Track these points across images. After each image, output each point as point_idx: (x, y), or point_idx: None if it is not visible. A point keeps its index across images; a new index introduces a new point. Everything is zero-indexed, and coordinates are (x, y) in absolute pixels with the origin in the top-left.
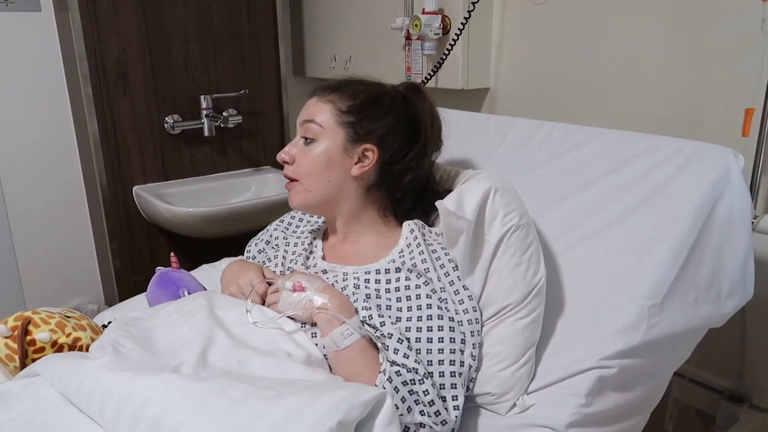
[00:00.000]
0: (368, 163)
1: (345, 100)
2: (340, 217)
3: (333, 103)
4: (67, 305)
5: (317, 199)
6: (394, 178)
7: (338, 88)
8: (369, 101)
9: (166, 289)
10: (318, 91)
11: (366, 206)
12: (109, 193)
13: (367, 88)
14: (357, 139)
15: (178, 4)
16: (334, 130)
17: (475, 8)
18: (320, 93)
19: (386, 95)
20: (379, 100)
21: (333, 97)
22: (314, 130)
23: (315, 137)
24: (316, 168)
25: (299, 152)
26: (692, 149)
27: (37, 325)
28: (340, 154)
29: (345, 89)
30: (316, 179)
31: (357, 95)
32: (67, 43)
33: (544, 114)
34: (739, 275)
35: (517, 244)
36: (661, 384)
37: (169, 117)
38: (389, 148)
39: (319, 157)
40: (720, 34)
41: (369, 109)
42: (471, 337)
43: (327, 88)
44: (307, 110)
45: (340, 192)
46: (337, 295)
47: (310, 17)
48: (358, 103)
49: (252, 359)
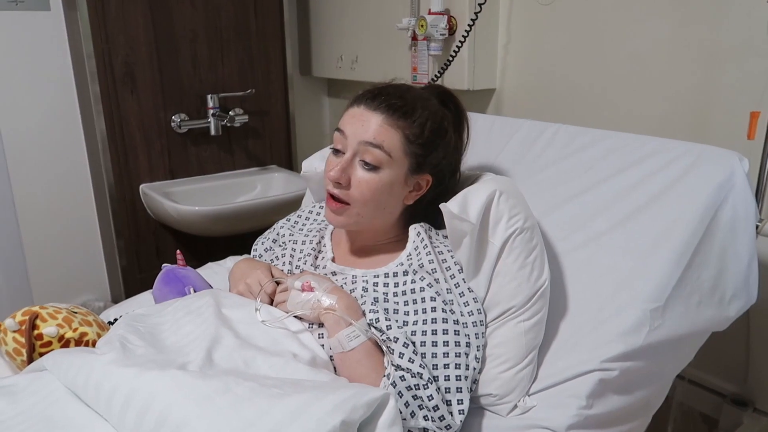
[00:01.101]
0: (422, 192)
1: (415, 129)
2: (370, 230)
3: (402, 130)
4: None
5: (366, 223)
6: (434, 200)
7: (406, 111)
8: (436, 132)
9: (172, 286)
10: (381, 107)
11: (398, 221)
12: (116, 191)
13: (431, 113)
14: (417, 170)
15: (186, 3)
16: (401, 159)
17: (481, 9)
18: (387, 112)
19: (446, 120)
20: (444, 130)
21: (402, 123)
22: (380, 157)
23: (380, 164)
24: (376, 196)
25: (357, 176)
26: (697, 152)
27: (45, 319)
28: (400, 184)
29: (413, 114)
30: (373, 207)
31: (425, 124)
32: (75, 42)
33: (550, 115)
34: (742, 279)
35: (521, 246)
36: (662, 387)
37: (176, 116)
38: (441, 176)
39: (382, 186)
40: (726, 37)
41: (435, 141)
42: (476, 339)
43: (394, 108)
44: (368, 129)
45: (387, 215)
46: (345, 297)
47: (317, 17)
48: (427, 133)
49: (257, 359)
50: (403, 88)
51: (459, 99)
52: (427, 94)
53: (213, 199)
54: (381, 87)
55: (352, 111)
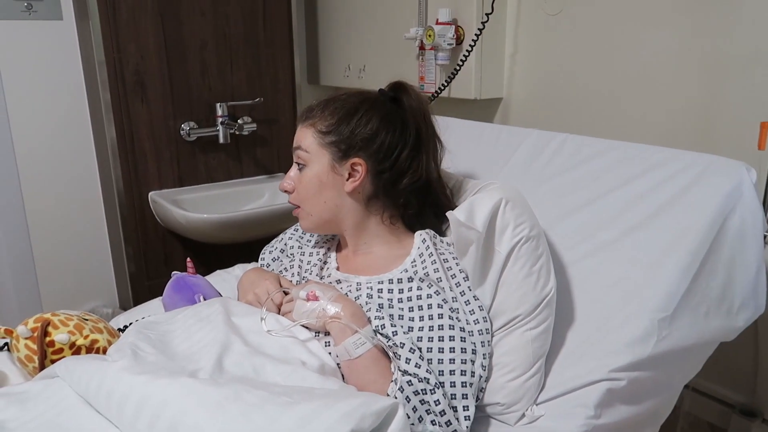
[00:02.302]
0: (359, 177)
1: (324, 121)
2: (346, 231)
3: (314, 126)
4: (82, 308)
5: (319, 220)
6: (390, 185)
7: (318, 110)
8: (346, 116)
9: (182, 294)
10: (302, 116)
11: (369, 217)
12: (125, 198)
13: (344, 103)
14: (342, 157)
15: (195, 13)
16: (319, 152)
17: (489, 19)
18: (303, 118)
19: (365, 103)
20: (356, 111)
21: (314, 120)
22: (302, 156)
23: (305, 163)
24: (311, 192)
25: (296, 179)
26: (705, 163)
27: (57, 326)
28: (328, 174)
29: (324, 110)
30: (313, 202)
31: (335, 113)
32: (87, 51)
33: (557, 125)
34: (750, 289)
35: (527, 255)
36: (671, 397)
37: (185, 124)
38: (377, 157)
39: (310, 181)
40: (734, 47)
41: (347, 124)
42: (482, 347)
43: (308, 111)
44: (296, 137)
45: (338, 209)
46: (350, 305)
47: (325, 26)
48: (336, 120)
49: (267, 366)
50: (331, 96)
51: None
52: (365, 92)
53: (221, 207)
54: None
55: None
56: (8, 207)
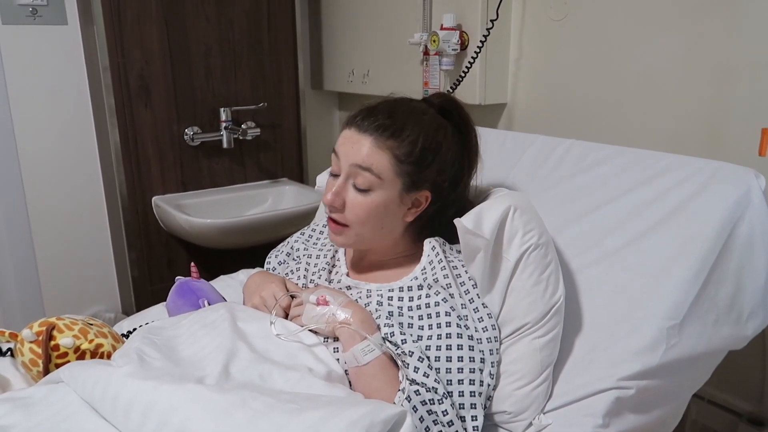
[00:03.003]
0: (422, 208)
1: (404, 148)
2: (375, 246)
3: (391, 150)
4: (85, 313)
5: (367, 243)
6: (441, 212)
7: (395, 129)
8: (429, 149)
9: (186, 299)
10: (370, 127)
11: (403, 236)
12: (128, 203)
13: (423, 129)
14: (412, 187)
15: (200, 18)
16: (392, 180)
17: (493, 25)
18: (372, 131)
19: (440, 131)
20: (440, 146)
21: (391, 143)
22: (370, 180)
23: (371, 187)
24: (372, 218)
25: (351, 199)
26: (712, 169)
27: (62, 330)
28: (396, 203)
29: (402, 133)
30: (370, 227)
31: (416, 142)
32: (91, 56)
33: (561, 130)
34: (759, 297)
35: (536, 263)
36: (679, 406)
37: (189, 129)
38: (442, 187)
39: (376, 208)
40: (738, 53)
41: (427, 158)
42: (490, 355)
43: (382, 128)
44: (358, 152)
45: (389, 234)
46: (360, 311)
47: (329, 31)
48: (418, 151)
49: (273, 373)
50: (395, 105)
51: (462, 106)
52: (424, 106)
53: (224, 212)
54: (372, 106)
55: (345, 133)
56: (12, 211)
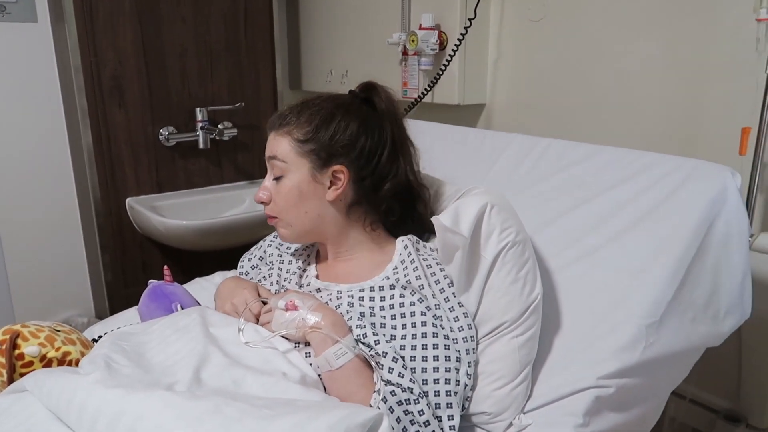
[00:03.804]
0: (341, 185)
1: (301, 128)
2: (327, 240)
3: (290, 134)
4: (57, 318)
5: (300, 230)
6: (372, 191)
7: (292, 117)
8: (324, 122)
9: (159, 303)
10: (274, 124)
11: (350, 225)
12: (102, 205)
13: (319, 108)
14: (323, 165)
15: (175, 17)
16: (298, 161)
17: (471, 24)
18: (276, 125)
19: (340, 108)
20: (333, 116)
21: (289, 128)
22: (279, 166)
23: (282, 173)
24: (290, 203)
25: (273, 190)
26: (690, 167)
27: (26, 338)
28: (309, 184)
29: (299, 117)
30: (294, 213)
31: (311, 119)
32: (63, 55)
33: (540, 130)
34: (736, 294)
35: (513, 260)
36: (658, 404)
37: (164, 129)
38: (358, 162)
39: (290, 192)
40: (715, 54)
41: (325, 130)
42: (466, 355)
43: (281, 118)
44: (269, 146)
45: (320, 219)
46: (331, 314)
47: (307, 31)
48: (313, 128)
49: (247, 378)
50: (303, 101)
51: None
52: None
53: (201, 214)
54: (284, 108)
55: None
56: None
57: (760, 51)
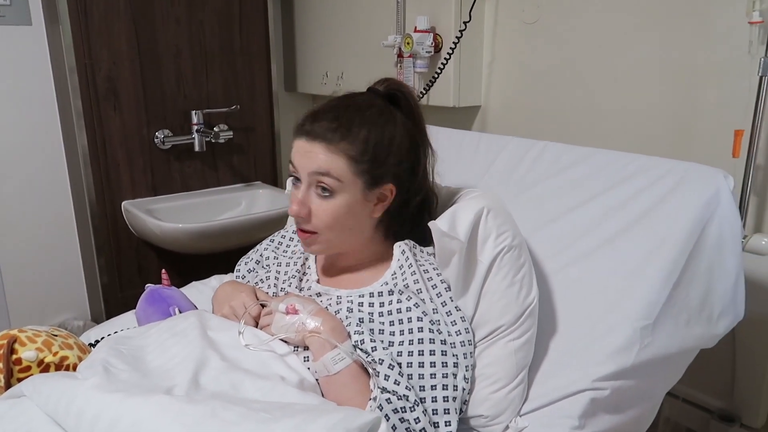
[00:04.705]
0: (388, 202)
1: (357, 148)
2: (347, 250)
3: (345, 152)
4: (52, 321)
5: (338, 247)
6: (403, 206)
7: (343, 130)
8: (381, 143)
9: (156, 307)
10: (320, 134)
11: (372, 236)
12: (97, 208)
13: (372, 125)
14: (374, 184)
15: (170, 19)
16: (352, 180)
17: (466, 27)
18: (326, 139)
19: (390, 123)
20: (383, 131)
21: (344, 145)
22: (331, 184)
23: (334, 191)
24: (339, 221)
25: (316, 206)
26: (683, 170)
27: (24, 343)
28: (360, 203)
29: (350, 133)
30: (338, 231)
31: (367, 139)
32: (57, 58)
33: (535, 132)
34: (730, 296)
35: (509, 264)
36: (653, 405)
37: (159, 132)
38: (402, 179)
39: (339, 209)
40: (709, 56)
41: (380, 149)
42: (464, 359)
43: (330, 131)
44: (314, 160)
45: (358, 234)
46: (330, 319)
47: (303, 33)
48: (371, 148)
49: (245, 382)
50: (339, 105)
51: (407, 87)
52: (369, 97)
53: (197, 216)
54: (316, 110)
55: (297, 144)
56: None
57: (753, 54)
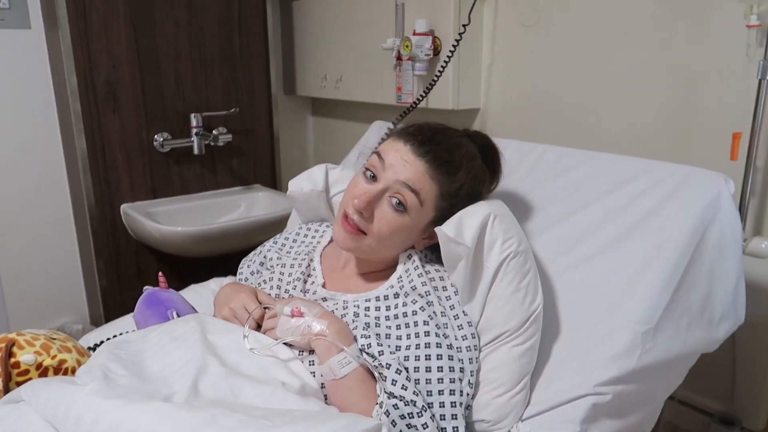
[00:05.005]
0: (434, 241)
1: (452, 187)
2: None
3: (441, 185)
4: (51, 325)
5: (372, 255)
6: None
7: (450, 169)
8: (470, 196)
9: (154, 310)
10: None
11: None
12: (96, 211)
13: (472, 177)
14: (438, 222)
15: (169, 22)
16: (430, 209)
17: (465, 30)
18: (434, 164)
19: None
20: (478, 195)
21: (443, 179)
22: (413, 202)
23: (409, 207)
24: (394, 236)
25: (382, 213)
26: (683, 173)
27: (22, 347)
28: (419, 231)
29: (456, 174)
30: (387, 242)
31: (463, 186)
32: (56, 61)
33: (533, 135)
34: (730, 300)
35: (515, 270)
36: (654, 410)
37: (158, 135)
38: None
39: (402, 229)
40: (707, 59)
41: (464, 201)
42: (470, 364)
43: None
44: (412, 172)
45: (394, 251)
46: (336, 322)
47: (302, 36)
48: (461, 195)
49: (245, 388)
50: (453, 141)
51: (499, 153)
52: (474, 150)
53: (196, 219)
54: (432, 131)
55: (398, 145)
56: None
57: (751, 57)
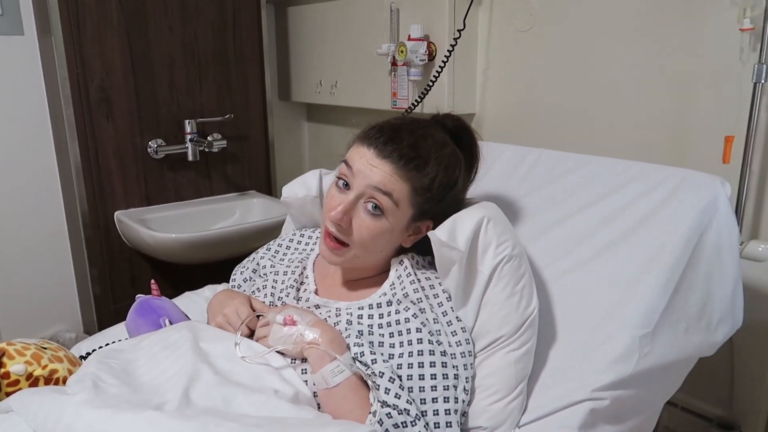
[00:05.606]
0: (422, 235)
1: (424, 182)
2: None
3: (412, 182)
4: (44, 334)
5: (360, 263)
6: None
7: (418, 164)
8: (445, 186)
9: (147, 318)
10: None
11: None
12: (89, 218)
13: (444, 167)
14: (419, 217)
15: (163, 28)
16: (406, 208)
17: (460, 35)
18: (399, 162)
19: (458, 168)
20: (454, 182)
21: (413, 175)
22: (387, 205)
23: (385, 212)
24: (376, 241)
25: (360, 220)
26: (680, 177)
27: (12, 356)
28: (400, 230)
29: (425, 167)
30: (371, 250)
31: (436, 178)
32: (49, 67)
33: (529, 139)
34: (728, 303)
35: (510, 274)
36: (652, 415)
37: (152, 141)
38: (442, 218)
39: (382, 232)
40: (701, 63)
41: (442, 194)
42: (464, 370)
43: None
44: (380, 176)
45: (381, 255)
46: (329, 330)
47: (296, 42)
48: (435, 187)
49: (237, 396)
50: (417, 134)
51: (474, 133)
52: (442, 137)
53: (190, 226)
54: (394, 130)
55: (362, 151)
56: None
57: (744, 61)
